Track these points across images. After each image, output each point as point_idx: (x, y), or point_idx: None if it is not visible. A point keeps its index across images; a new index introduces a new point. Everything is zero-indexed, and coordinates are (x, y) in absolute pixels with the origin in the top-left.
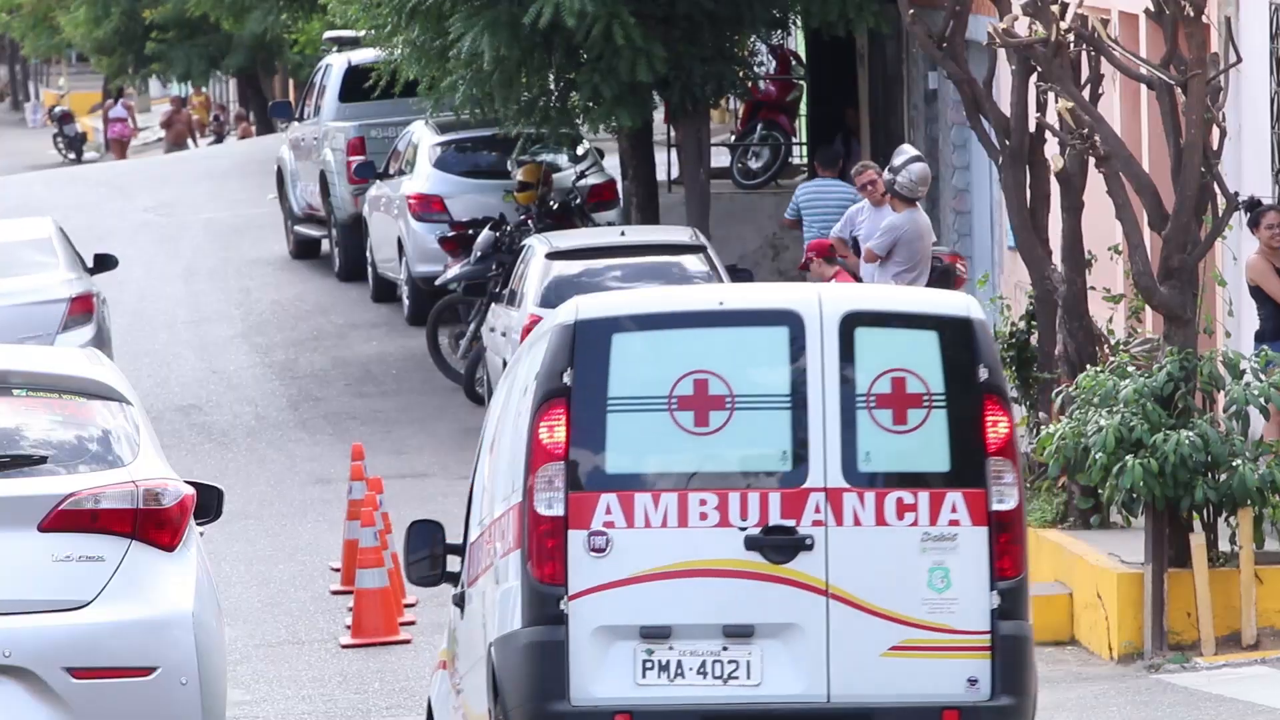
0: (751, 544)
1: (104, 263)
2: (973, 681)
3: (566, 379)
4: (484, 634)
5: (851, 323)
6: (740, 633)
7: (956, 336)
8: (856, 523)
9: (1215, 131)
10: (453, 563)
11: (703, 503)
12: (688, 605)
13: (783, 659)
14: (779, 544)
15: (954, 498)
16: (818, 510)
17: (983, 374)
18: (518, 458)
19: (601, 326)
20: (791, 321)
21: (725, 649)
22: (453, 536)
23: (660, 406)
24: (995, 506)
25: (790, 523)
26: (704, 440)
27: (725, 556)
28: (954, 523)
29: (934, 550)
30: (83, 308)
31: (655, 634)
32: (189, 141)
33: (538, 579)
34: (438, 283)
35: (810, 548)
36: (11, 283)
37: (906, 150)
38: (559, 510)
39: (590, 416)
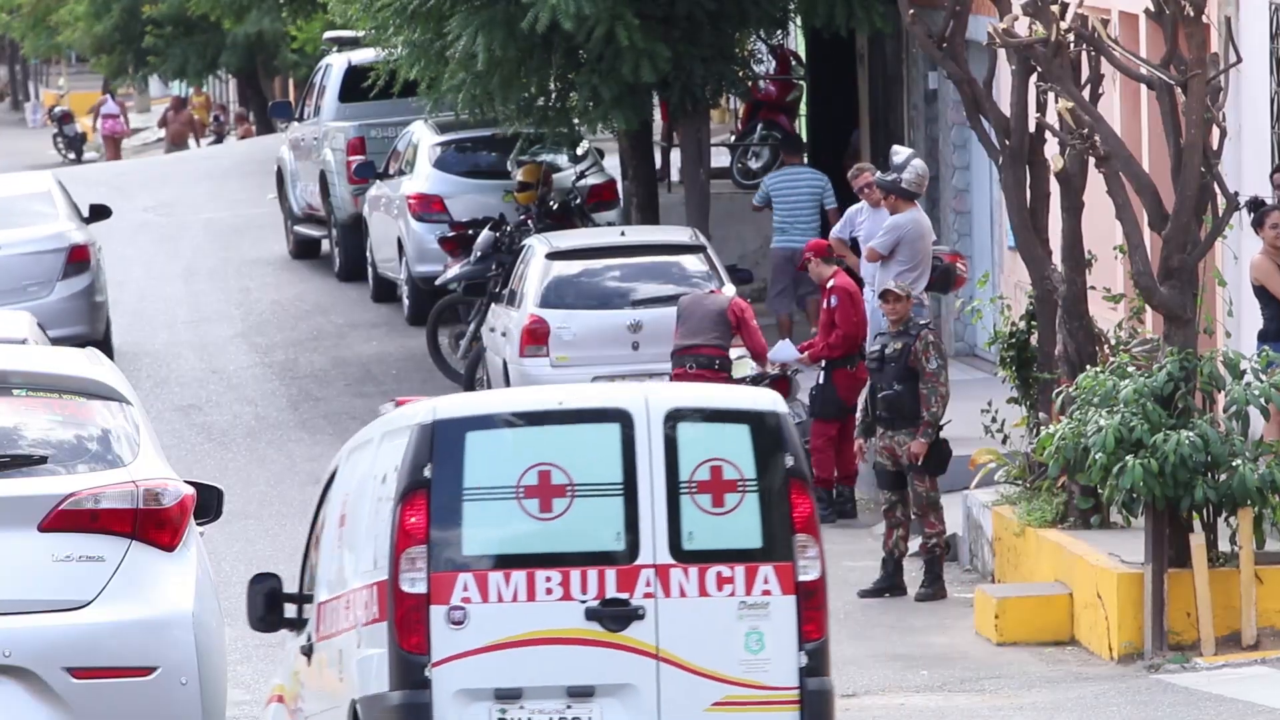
0: (591, 615)
1: (99, 213)
2: None
3: (427, 473)
4: (344, 689)
5: (674, 419)
6: (582, 693)
7: (765, 429)
8: (682, 594)
9: (1215, 131)
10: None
11: (548, 579)
12: (536, 670)
13: (620, 715)
14: (615, 614)
15: (766, 570)
16: (648, 584)
17: (788, 461)
18: (380, 539)
19: (457, 426)
20: (622, 418)
21: (569, 707)
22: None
23: (509, 495)
24: (802, 577)
25: (624, 595)
26: (548, 524)
27: (568, 626)
28: (766, 592)
29: (749, 617)
30: (80, 256)
31: (508, 695)
32: (190, 141)
33: (404, 649)
34: (438, 283)
35: (642, 617)
36: (13, 233)
37: (903, 150)
38: (421, 589)
39: (448, 505)
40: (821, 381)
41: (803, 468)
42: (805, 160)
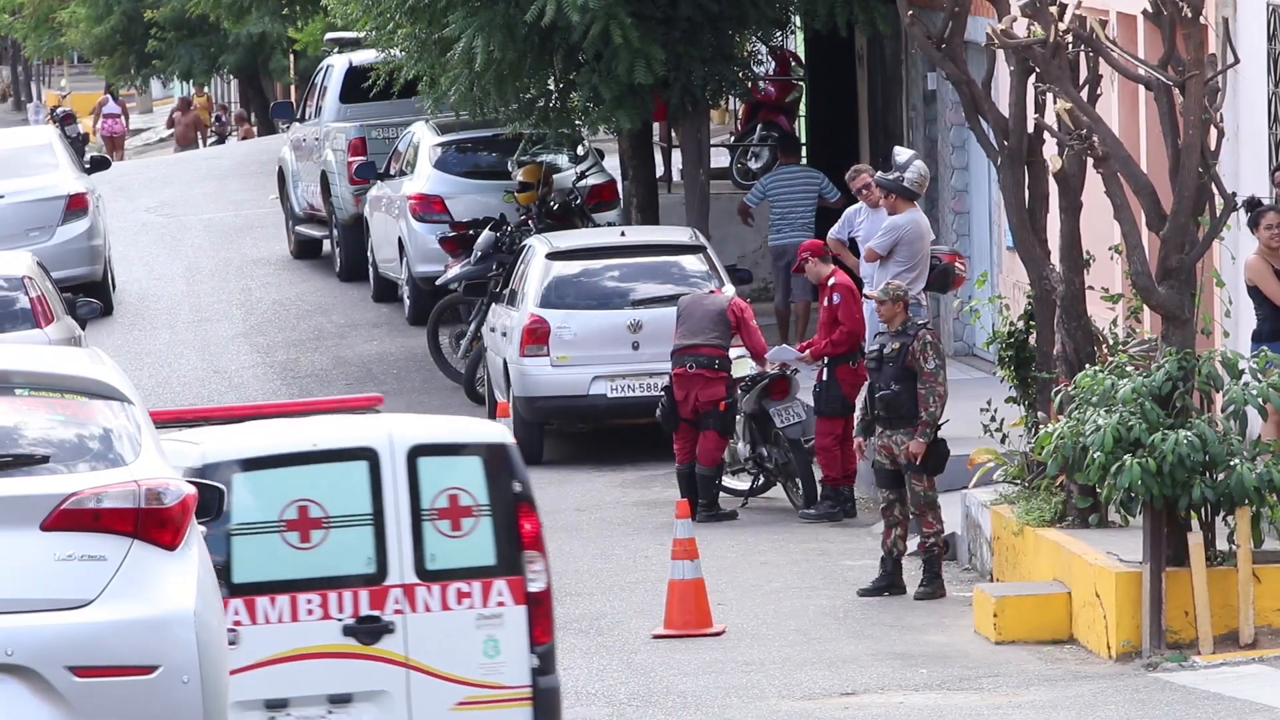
0: (347, 631)
1: (99, 164)
2: None
3: None
4: None
5: (415, 453)
6: (341, 699)
7: (495, 459)
8: (427, 609)
9: (1213, 132)
10: None
11: (309, 601)
12: (300, 681)
13: (375, 718)
14: (368, 629)
15: (500, 585)
16: (397, 602)
17: (516, 487)
18: None
19: (224, 469)
20: (369, 456)
21: (330, 713)
22: None
23: (272, 529)
24: (531, 589)
25: (376, 613)
26: (307, 553)
27: (328, 642)
28: (500, 604)
29: (486, 626)
30: (78, 203)
31: (276, 705)
32: (197, 141)
33: None
34: (438, 283)
35: (393, 631)
36: (17, 182)
37: (905, 151)
38: None
39: (218, 539)
40: (825, 379)
41: (529, 492)
42: (802, 160)
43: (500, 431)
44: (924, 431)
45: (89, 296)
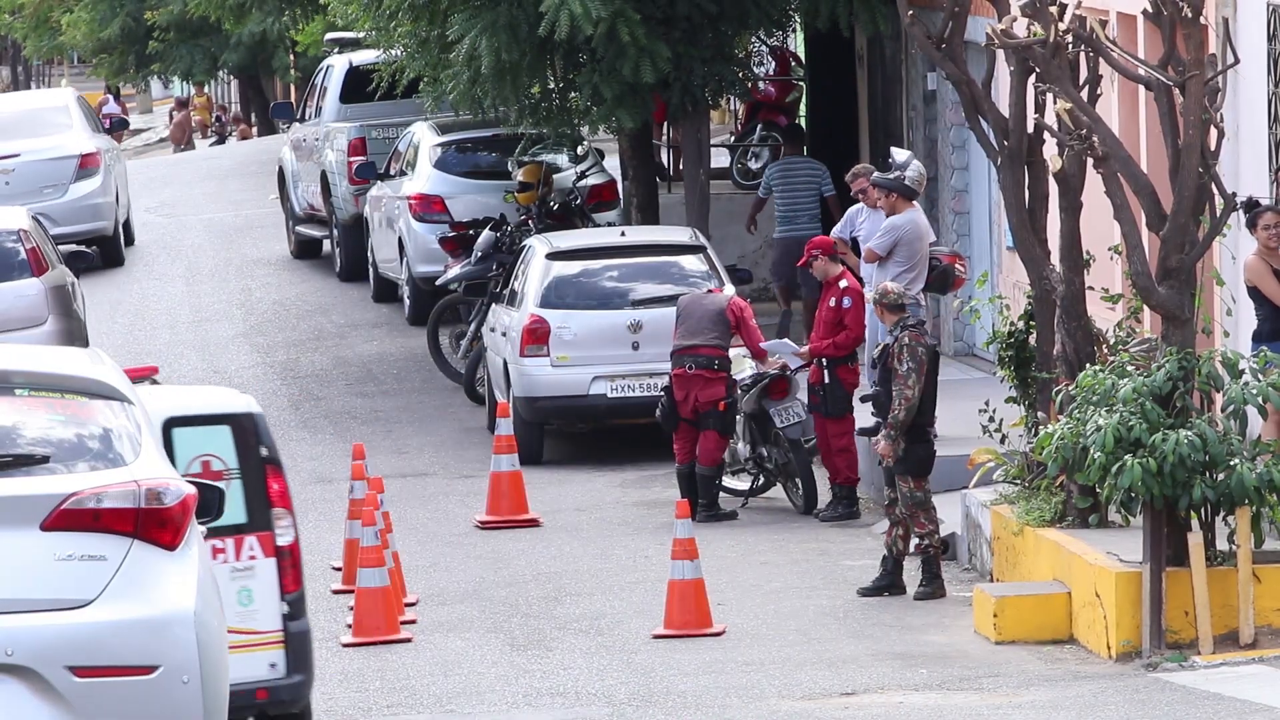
0: None
1: (119, 125)
2: (273, 665)
3: None
4: None
5: (170, 425)
6: None
7: (242, 427)
8: None
9: (1213, 132)
10: None
11: None
12: None
13: None
14: None
15: (250, 540)
16: None
17: (264, 452)
18: None
19: None
20: None
21: None
22: None
23: None
24: (279, 543)
25: None
26: None
27: None
28: (252, 557)
29: (240, 577)
30: (90, 163)
31: None
32: (192, 141)
33: None
34: (438, 283)
35: None
36: (32, 142)
37: (903, 151)
38: None
39: None
40: (828, 381)
41: (275, 456)
42: (804, 151)
43: (247, 402)
44: (888, 433)
45: (100, 250)
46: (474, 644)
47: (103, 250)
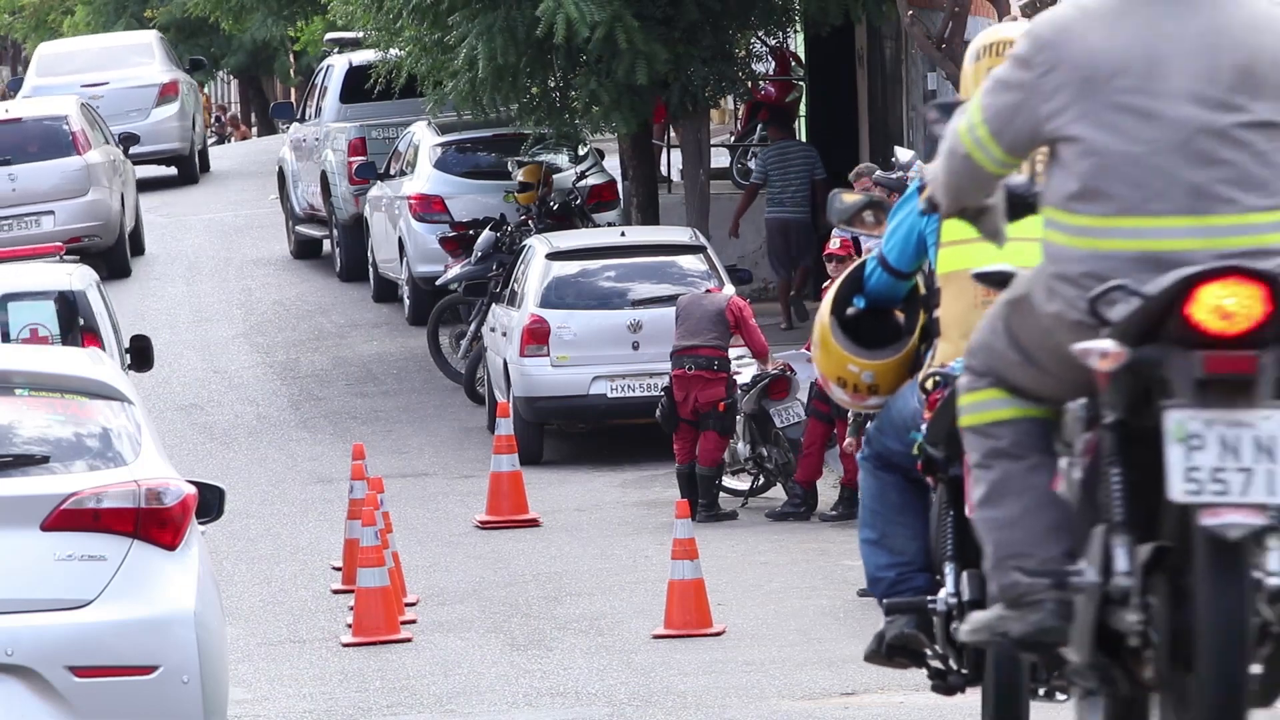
0: None
1: (197, 65)
2: None
3: None
4: None
5: (6, 299)
6: None
7: (66, 301)
8: None
9: None
10: None
11: None
12: None
13: None
14: None
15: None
16: None
17: (82, 321)
18: None
19: None
20: None
21: None
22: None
23: None
24: None
25: None
26: None
27: None
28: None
29: None
30: (170, 90)
31: None
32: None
33: None
34: (438, 283)
35: None
36: (120, 73)
37: (906, 151)
38: None
39: None
40: None
41: (93, 325)
42: (794, 135)
43: (71, 281)
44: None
45: (177, 170)
46: (474, 644)
47: (180, 169)
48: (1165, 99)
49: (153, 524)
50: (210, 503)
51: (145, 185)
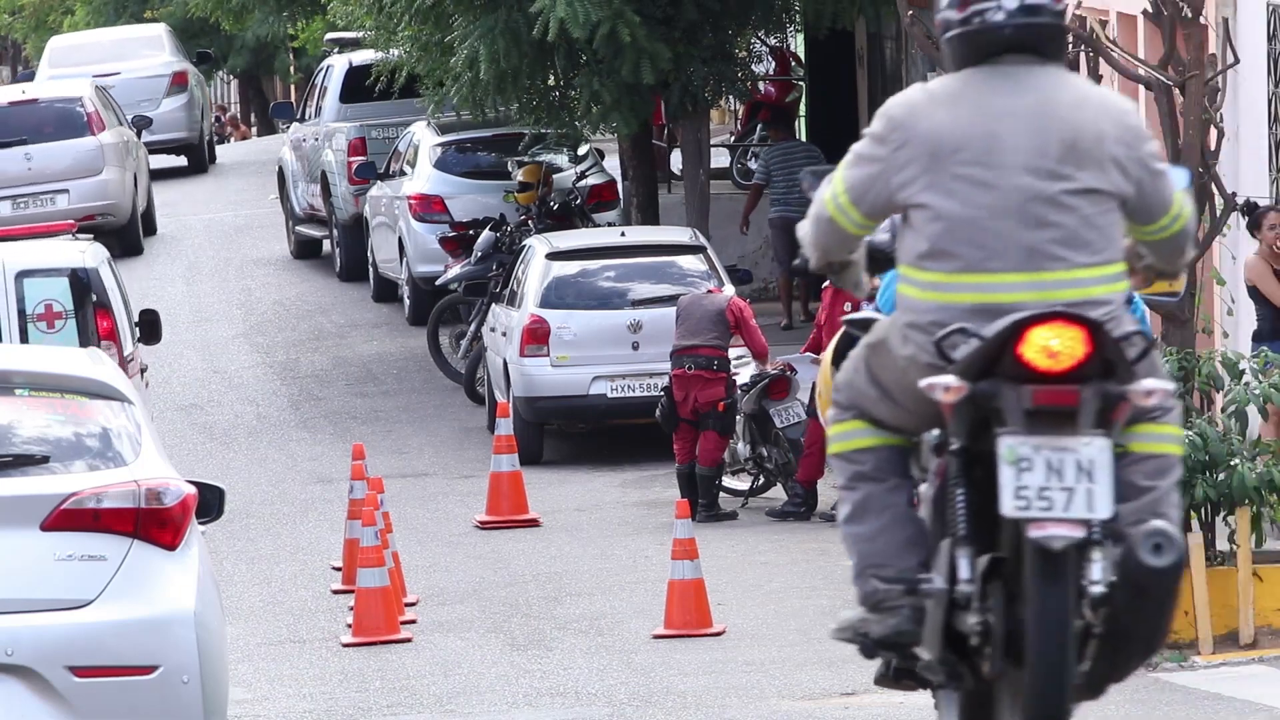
0: None
1: (204, 58)
2: None
3: None
4: None
5: (21, 275)
6: None
7: (78, 279)
8: None
9: (1213, 132)
10: None
11: None
12: None
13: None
14: None
15: None
16: None
17: (94, 298)
18: None
19: None
20: None
21: None
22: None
23: None
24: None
25: None
26: None
27: None
28: None
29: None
30: (180, 80)
31: None
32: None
33: None
34: (438, 283)
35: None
36: (131, 63)
37: None
38: None
39: None
40: None
41: (105, 300)
42: (795, 135)
43: (81, 257)
44: None
45: (187, 159)
46: (474, 644)
47: (189, 158)
48: (1001, 170)
49: (153, 524)
50: (210, 503)
51: (153, 177)
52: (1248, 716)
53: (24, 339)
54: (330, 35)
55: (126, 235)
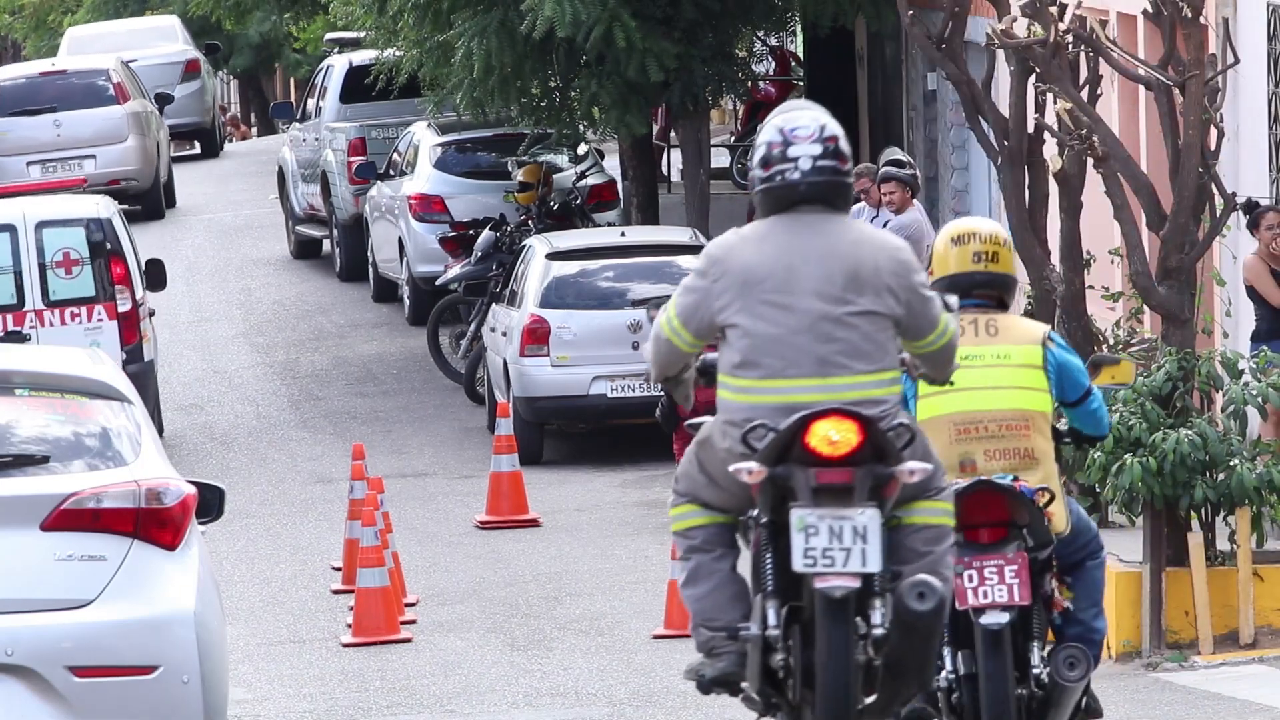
0: (0, 340)
1: (212, 49)
2: None
3: None
4: None
5: (41, 226)
6: None
7: (92, 228)
8: (51, 325)
9: (1213, 132)
10: None
11: None
12: None
13: None
14: (14, 338)
15: (99, 308)
16: (31, 320)
17: (108, 246)
18: None
19: None
20: (10, 229)
21: None
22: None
23: None
24: (120, 310)
25: (19, 328)
26: None
27: None
28: (100, 320)
29: (91, 334)
30: (193, 67)
31: None
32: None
33: None
34: (438, 283)
35: (29, 338)
36: (146, 51)
37: (894, 149)
38: None
39: None
40: None
41: (119, 248)
42: None
43: (98, 210)
44: None
45: (198, 141)
46: (474, 644)
47: (201, 143)
48: (797, 296)
49: (153, 524)
50: (210, 503)
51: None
52: (1248, 716)
53: (44, 285)
54: (330, 35)
55: (149, 200)
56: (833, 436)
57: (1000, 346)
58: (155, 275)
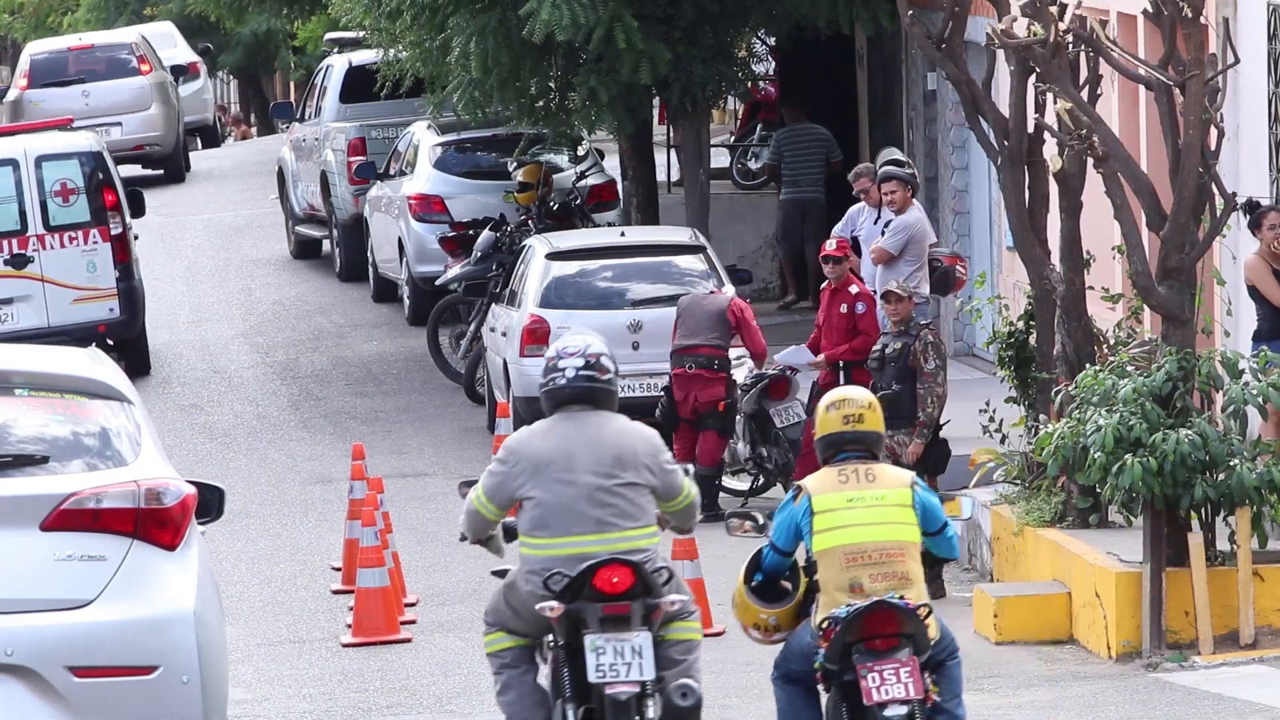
0: (8, 262)
1: (205, 51)
2: (110, 310)
3: None
4: None
5: (41, 159)
6: (4, 301)
7: (86, 160)
8: (52, 248)
9: (1213, 132)
10: None
11: None
12: None
13: (27, 310)
14: (19, 260)
15: (94, 231)
16: (34, 244)
17: (101, 176)
18: None
19: None
20: (13, 163)
21: None
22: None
23: None
24: (112, 233)
25: (23, 251)
26: None
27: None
28: (95, 242)
29: (88, 254)
30: (194, 69)
31: None
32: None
33: None
34: (438, 283)
35: (33, 260)
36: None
37: (891, 149)
38: None
39: None
40: (844, 384)
41: (111, 179)
42: (809, 117)
43: (90, 144)
44: (921, 432)
45: (201, 140)
46: (474, 644)
47: (204, 138)
48: (577, 474)
49: (153, 524)
50: (210, 503)
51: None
52: (1248, 716)
53: (44, 212)
54: (330, 35)
55: (171, 163)
56: (613, 579)
57: (877, 490)
58: (136, 203)
